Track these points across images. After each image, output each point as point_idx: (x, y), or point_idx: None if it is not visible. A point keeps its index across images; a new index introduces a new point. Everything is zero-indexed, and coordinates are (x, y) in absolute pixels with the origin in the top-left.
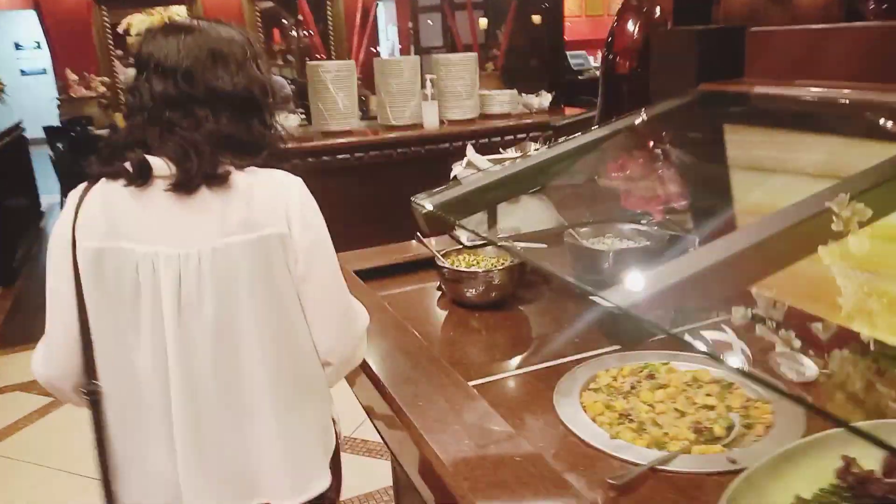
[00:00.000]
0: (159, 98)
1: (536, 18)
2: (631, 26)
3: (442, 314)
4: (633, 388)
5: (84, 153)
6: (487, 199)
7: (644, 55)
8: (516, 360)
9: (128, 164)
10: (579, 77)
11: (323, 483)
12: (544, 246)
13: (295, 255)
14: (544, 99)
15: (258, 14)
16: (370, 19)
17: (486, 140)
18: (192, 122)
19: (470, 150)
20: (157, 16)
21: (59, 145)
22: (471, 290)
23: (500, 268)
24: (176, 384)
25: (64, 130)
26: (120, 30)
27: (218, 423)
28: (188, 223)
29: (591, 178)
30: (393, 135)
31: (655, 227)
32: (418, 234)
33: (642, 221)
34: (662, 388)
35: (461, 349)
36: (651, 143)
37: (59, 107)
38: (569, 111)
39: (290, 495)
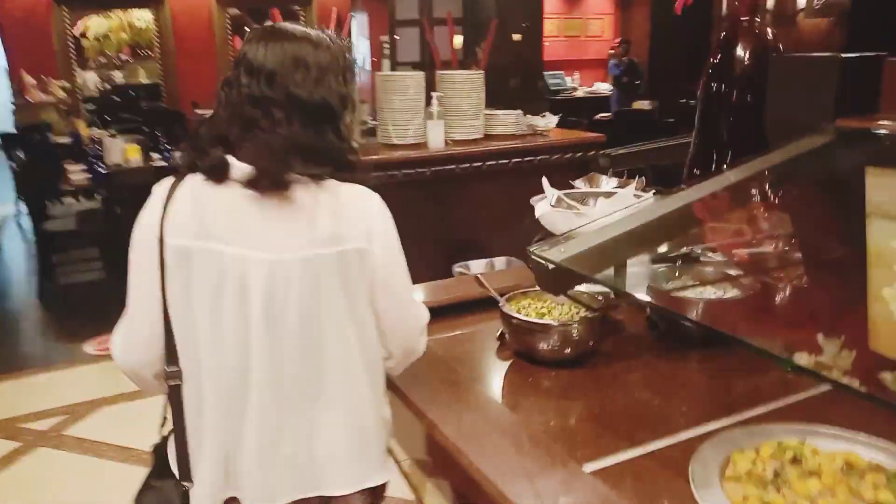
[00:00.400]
0: (245, 96)
1: (517, 37)
2: (740, 51)
3: (504, 369)
4: (777, 474)
5: (45, 162)
6: (618, 253)
7: (756, 84)
8: (618, 434)
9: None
10: (556, 97)
11: (385, 475)
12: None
13: (372, 266)
14: (550, 120)
15: (228, 21)
16: (345, 31)
17: (494, 162)
18: (269, 122)
19: (547, 185)
20: (115, 19)
21: (20, 153)
22: (544, 345)
23: (580, 319)
24: (258, 381)
25: (21, 138)
26: (76, 32)
27: (295, 418)
28: (279, 231)
29: (709, 228)
30: (397, 154)
31: (743, 274)
32: (479, 276)
33: (728, 266)
34: (814, 475)
35: (539, 418)
36: (786, 189)
37: (14, 112)
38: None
39: (351, 484)
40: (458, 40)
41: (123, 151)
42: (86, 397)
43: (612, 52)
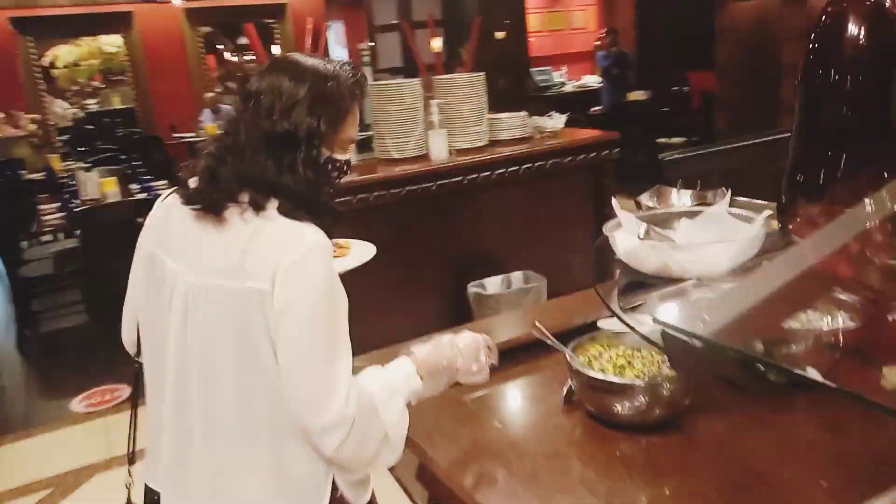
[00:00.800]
0: (226, 118)
1: (501, 35)
2: (853, 27)
3: (576, 436)
4: None
5: (17, 201)
6: (772, 317)
7: (879, 68)
8: None
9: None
10: (545, 94)
11: None
12: None
13: (271, 314)
14: (557, 120)
15: (200, 39)
16: (322, 42)
17: (503, 170)
18: (234, 143)
19: (618, 208)
20: (84, 47)
21: None
22: (627, 407)
23: (672, 376)
24: (171, 391)
25: None
26: (45, 62)
27: (200, 440)
28: (204, 253)
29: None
30: (398, 170)
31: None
32: (536, 324)
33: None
34: None
35: None
36: None
37: None
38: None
39: None
40: (439, 43)
41: (99, 185)
42: (75, 464)
43: (599, 43)
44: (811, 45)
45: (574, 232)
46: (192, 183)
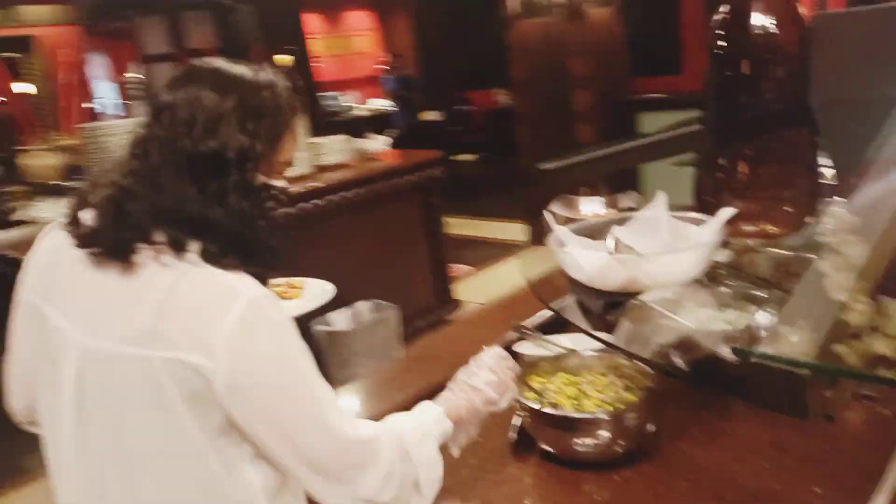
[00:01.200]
0: (133, 138)
1: (285, 60)
2: (758, 18)
3: (538, 484)
4: None
5: None
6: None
7: (787, 55)
8: None
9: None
10: (334, 119)
11: None
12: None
13: (219, 395)
14: (380, 142)
15: None
16: (78, 74)
17: (334, 196)
18: (142, 168)
19: (553, 222)
20: None
21: None
22: (587, 444)
23: (636, 403)
24: (78, 483)
25: None
26: None
27: None
28: (103, 310)
29: None
30: None
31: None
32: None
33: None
34: None
35: None
36: None
37: None
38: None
39: None
40: None
41: None
42: None
43: (386, 67)
44: (716, 40)
45: (410, 254)
46: (88, 219)
